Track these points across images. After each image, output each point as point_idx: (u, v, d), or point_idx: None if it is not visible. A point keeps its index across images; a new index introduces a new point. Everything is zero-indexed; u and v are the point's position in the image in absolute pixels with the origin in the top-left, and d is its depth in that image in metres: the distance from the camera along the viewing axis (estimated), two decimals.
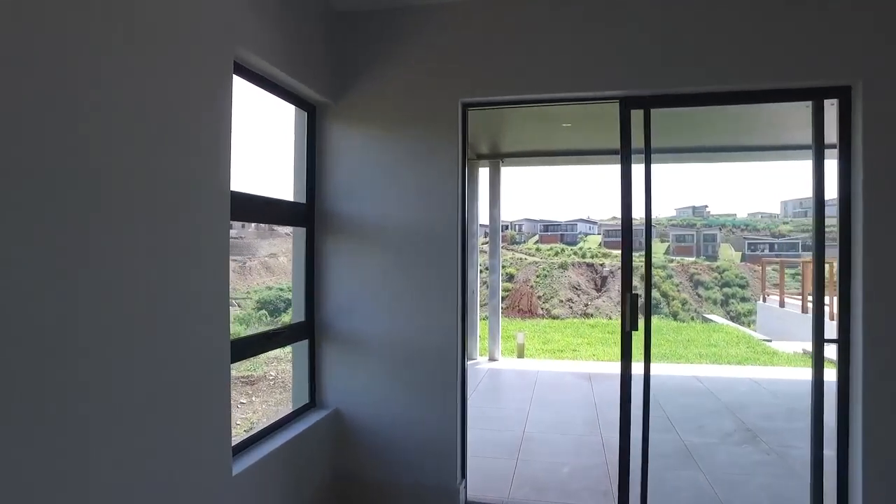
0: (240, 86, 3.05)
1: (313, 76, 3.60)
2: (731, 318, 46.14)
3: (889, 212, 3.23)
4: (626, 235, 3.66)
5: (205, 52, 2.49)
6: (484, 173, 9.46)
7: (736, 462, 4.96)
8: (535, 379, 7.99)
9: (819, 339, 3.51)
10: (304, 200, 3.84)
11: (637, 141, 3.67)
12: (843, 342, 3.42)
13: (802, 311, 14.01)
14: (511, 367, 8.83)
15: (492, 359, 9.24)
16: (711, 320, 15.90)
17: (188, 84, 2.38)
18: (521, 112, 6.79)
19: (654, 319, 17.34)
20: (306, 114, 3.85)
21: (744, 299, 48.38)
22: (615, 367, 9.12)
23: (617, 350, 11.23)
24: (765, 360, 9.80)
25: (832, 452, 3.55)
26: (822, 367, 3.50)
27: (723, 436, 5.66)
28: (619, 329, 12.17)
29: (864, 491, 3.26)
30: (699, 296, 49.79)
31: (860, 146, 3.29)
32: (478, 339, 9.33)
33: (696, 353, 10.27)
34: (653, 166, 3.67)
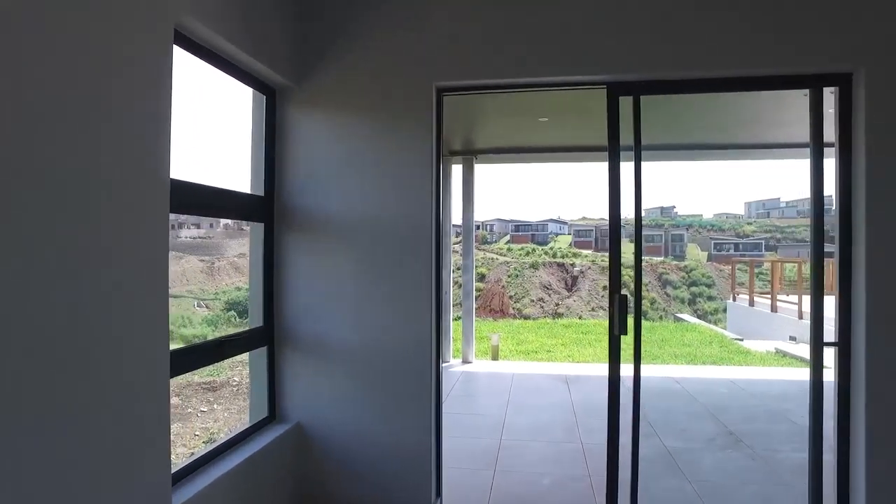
0: (188, 62, 2.68)
1: (272, 54, 3.22)
2: (699, 317, 46.87)
3: (893, 208, 3.01)
4: (615, 234, 3.38)
5: (138, 13, 2.12)
6: (457, 171, 9.15)
7: (722, 468, 4.74)
8: (511, 382, 7.71)
9: (818, 343, 3.28)
10: (262, 193, 3.46)
11: (624, 133, 3.39)
12: (844, 345, 3.19)
13: (772, 311, 14.07)
14: (485, 370, 8.54)
15: (465, 361, 8.93)
16: (683, 319, 15.88)
17: (117, 51, 2.00)
18: (497, 105, 6.50)
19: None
20: (265, 97, 3.47)
21: (710, 298, 49.21)
22: (592, 370, 8.90)
23: (592, 351, 11.08)
24: (739, 359, 9.72)
25: (830, 457, 3.32)
26: (822, 369, 3.27)
27: (706, 440, 5.45)
28: (592, 330, 11.93)
29: (867, 496, 3.03)
30: (667, 295, 50.46)
31: (862, 137, 3.07)
32: (451, 340, 9.02)
33: (671, 354, 10.13)
34: (622, 164, 3.40)
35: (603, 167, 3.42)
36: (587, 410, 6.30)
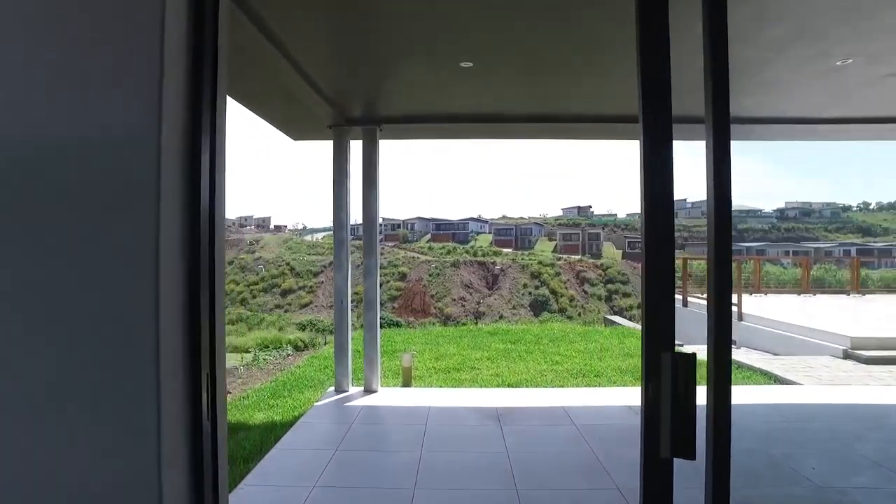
0: None
1: None
2: (616, 313, 47.06)
3: None
4: (660, 233, 1.33)
5: None
6: (356, 147, 6.94)
7: None
8: (426, 422, 5.62)
9: None
10: None
11: None
12: None
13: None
14: (393, 403, 6.40)
15: (368, 390, 6.76)
16: (614, 322, 14.45)
17: None
18: (401, 44, 4.40)
19: (557, 324, 15.61)
20: None
21: (625, 294, 49.68)
22: (526, 398, 6.92)
23: (524, 367, 9.19)
24: None
25: None
26: None
27: None
28: (521, 338, 9.86)
29: None
30: (585, 292, 50.42)
31: None
32: (349, 363, 6.82)
33: (615, 368, 8.43)
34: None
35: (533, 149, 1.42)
36: (530, 476, 4.31)
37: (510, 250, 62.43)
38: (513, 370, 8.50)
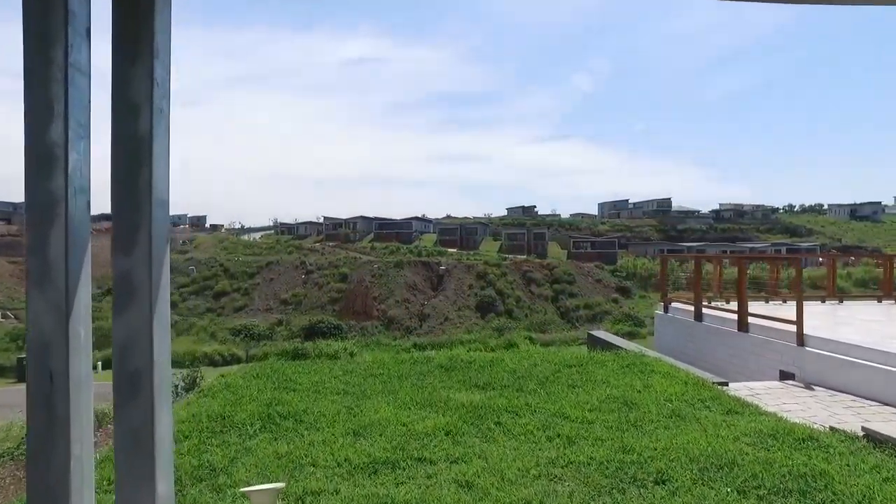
0: None
1: None
2: (563, 314, 43.88)
3: None
4: None
5: None
6: None
7: None
8: None
9: None
10: None
11: None
12: None
13: (740, 329, 9.01)
14: None
15: None
16: (604, 341, 10.45)
17: None
18: None
19: (534, 347, 11.65)
20: None
21: (571, 295, 46.64)
22: None
23: (514, 455, 4.80)
24: (820, 461, 4.17)
25: None
26: None
27: None
28: (494, 378, 5.46)
29: None
30: (532, 293, 47.02)
31: None
32: None
33: (682, 456, 4.35)
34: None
35: None
36: None
37: (455, 250, 58.60)
38: (496, 469, 4.26)
